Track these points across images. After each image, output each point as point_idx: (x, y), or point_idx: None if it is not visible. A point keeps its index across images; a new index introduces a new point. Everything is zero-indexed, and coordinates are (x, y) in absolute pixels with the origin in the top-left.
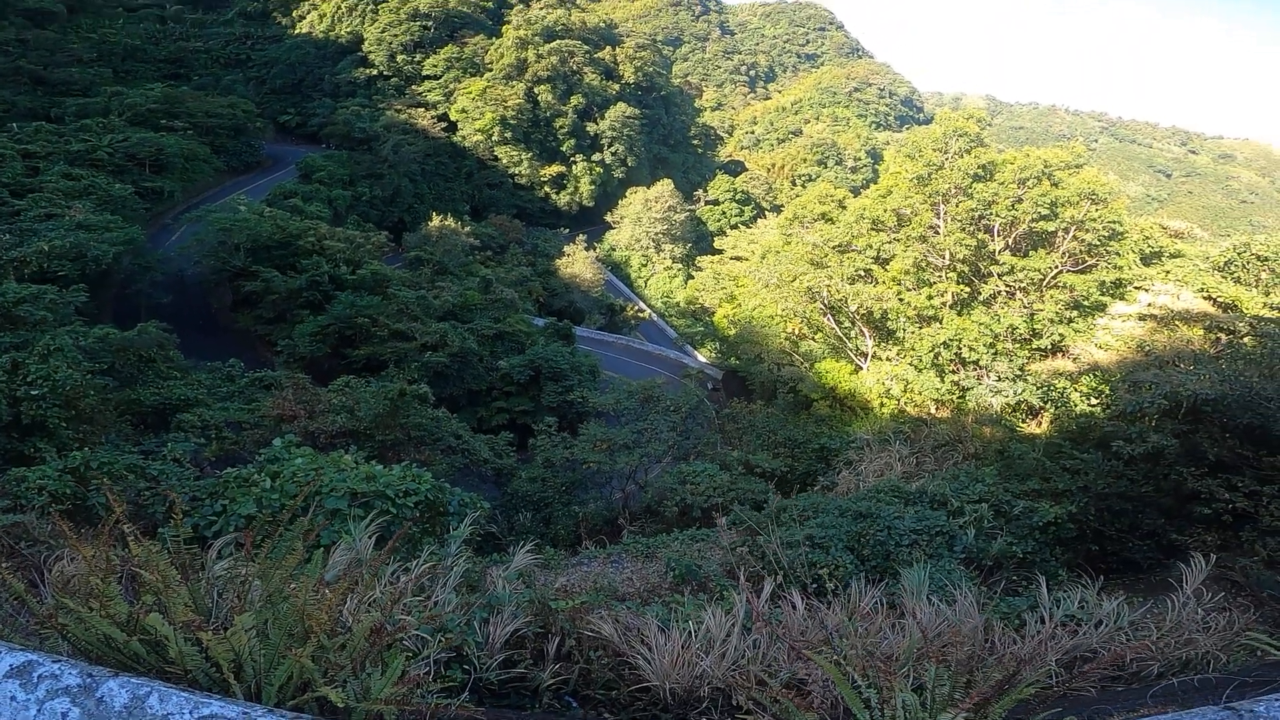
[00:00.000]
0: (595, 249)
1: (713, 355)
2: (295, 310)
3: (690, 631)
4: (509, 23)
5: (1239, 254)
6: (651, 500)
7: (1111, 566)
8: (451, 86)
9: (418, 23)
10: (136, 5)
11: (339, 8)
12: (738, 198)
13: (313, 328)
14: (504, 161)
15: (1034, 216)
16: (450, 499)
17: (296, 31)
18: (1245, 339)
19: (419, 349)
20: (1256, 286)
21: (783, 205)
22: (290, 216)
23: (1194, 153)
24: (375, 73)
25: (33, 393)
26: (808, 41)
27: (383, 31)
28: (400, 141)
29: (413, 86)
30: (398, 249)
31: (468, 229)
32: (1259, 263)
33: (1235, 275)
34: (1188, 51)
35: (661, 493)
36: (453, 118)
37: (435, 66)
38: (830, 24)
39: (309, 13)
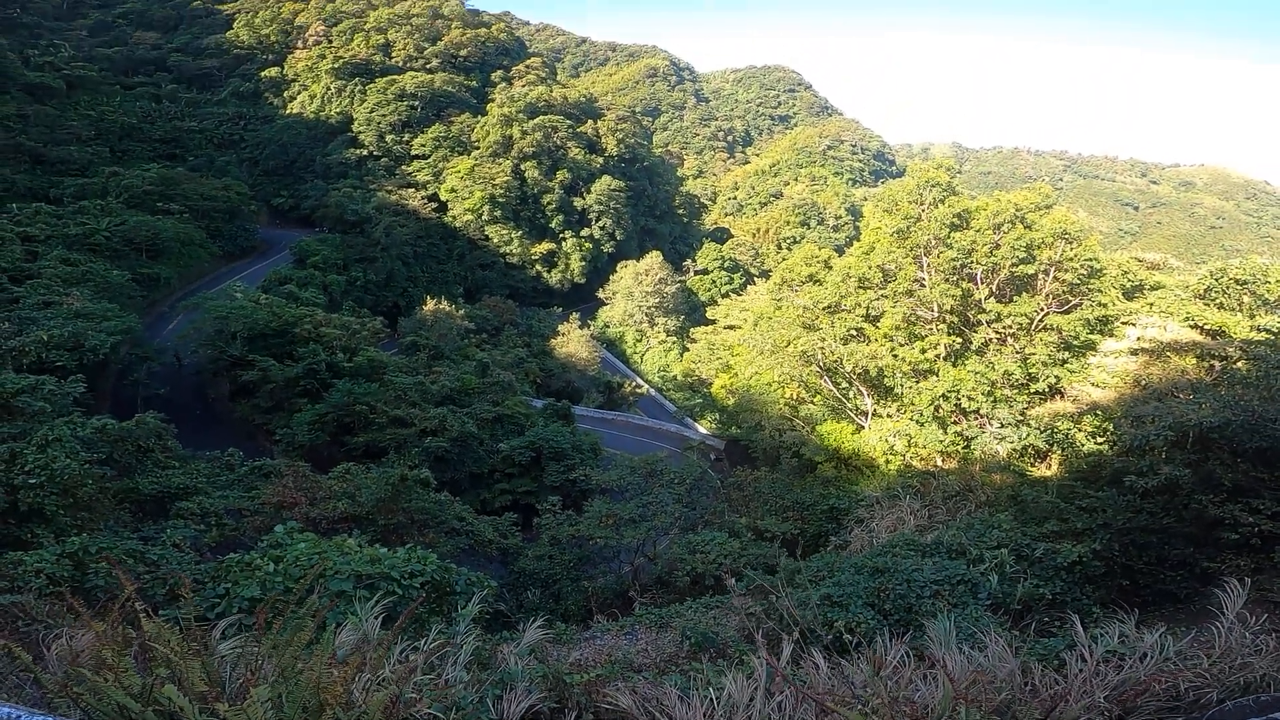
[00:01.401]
0: (589, 326)
1: (713, 426)
2: (293, 399)
3: (711, 699)
4: (493, 100)
5: (1217, 280)
6: (662, 571)
7: (1147, 600)
8: (440, 165)
9: (405, 103)
10: (133, 83)
11: (328, 88)
12: (726, 265)
13: (311, 416)
14: (495, 241)
15: (1013, 261)
16: (457, 579)
17: (288, 112)
18: (1239, 364)
19: (418, 434)
20: (1240, 310)
21: (770, 270)
22: (286, 304)
23: (1155, 183)
24: (365, 153)
25: (30, 481)
26: (779, 103)
27: (371, 112)
28: (392, 223)
29: (402, 166)
30: (393, 334)
31: (462, 312)
32: (1239, 286)
33: (1218, 301)
34: (1131, 80)
35: (671, 563)
36: (443, 197)
37: (424, 146)
38: (799, 85)
39: (299, 93)
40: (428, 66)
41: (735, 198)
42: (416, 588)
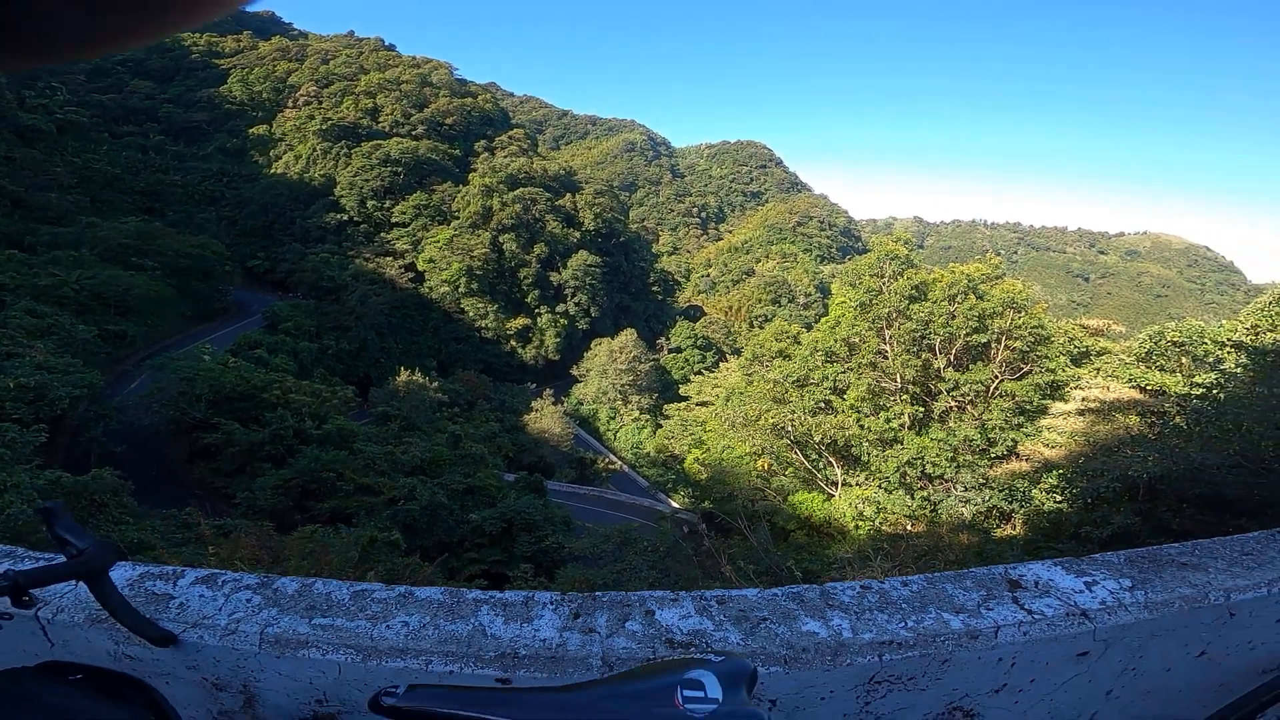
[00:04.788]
0: (563, 403)
1: (686, 500)
2: (256, 463)
3: None
4: (475, 170)
5: (1156, 343)
6: None
7: None
8: (419, 234)
9: (388, 168)
10: (122, 132)
11: (314, 149)
12: (699, 344)
13: (275, 480)
14: (470, 314)
15: (967, 330)
16: None
17: (271, 171)
18: (1176, 418)
19: (386, 503)
20: (1179, 371)
21: (742, 348)
22: (254, 369)
23: (1102, 253)
24: (346, 218)
25: None
26: (751, 179)
27: (355, 176)
28: (368, 292)
29: (382, 234)
30: (364, 404)
31: (435, 385)
32: (1176, 349)
33: (1159, 364)
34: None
35: None
36: (420, 267)
37: (404, 214)
38: (770, 160)
39: (285, 153)
40: (413, 133)
41: (708, 275)
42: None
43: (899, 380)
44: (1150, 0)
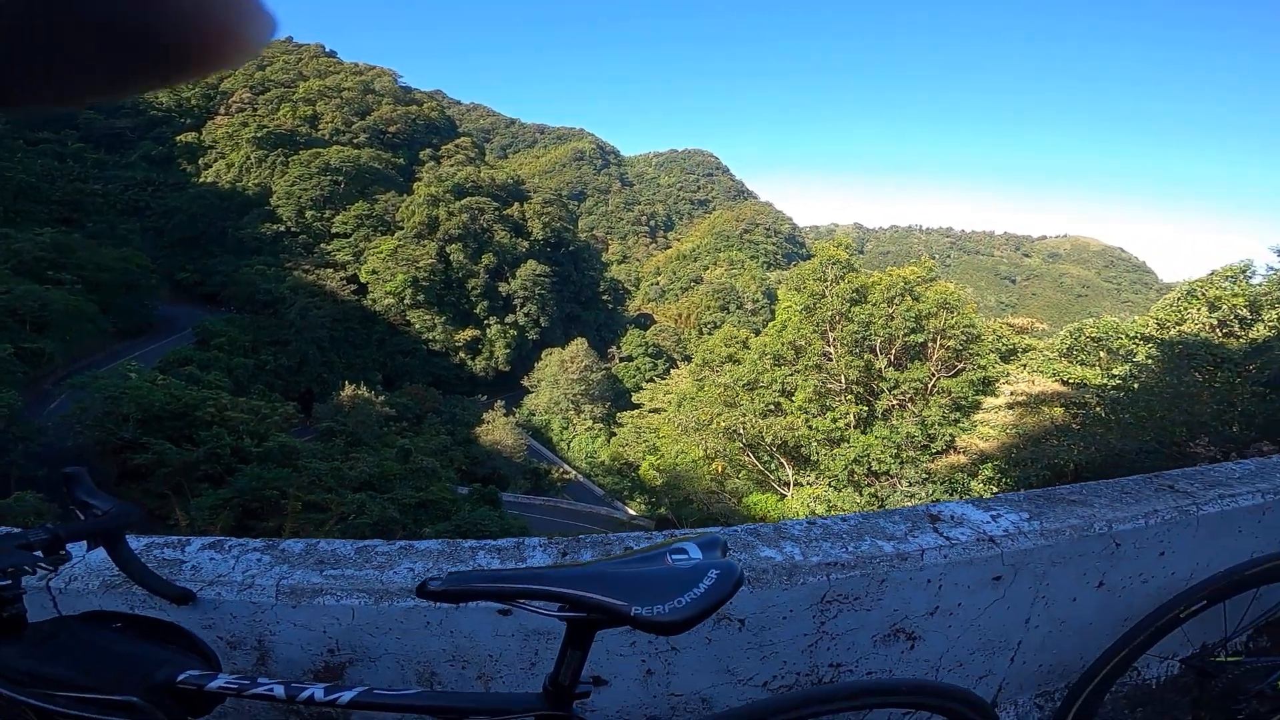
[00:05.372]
0: (515, 414)
1: (642, 507)
2: (193, 484)
3: None
4: (420, 179)
5: (1076, 339)
6: None
7: None
8: (362, 245)
9: (328, 177)
10: (37, 139)
11: (248, 158)
12: (650, 352)
13: (214, 500)
14: (417, 326)
15: (905, 331)
16: None
17: (201, 180)
18: (1097, 408)
19: (335, 519)
20: (1098, 364)
21: (692, 354)
22: (185, 386)
23: (1027, 256)
24: (282, 229)
25: None
26: (699, 187)
27: (292, 185)
28: (308, 305)
29: (321, 245)
30: (307, 420)
31: (382, 399)
32: (1094, 344)
33: (1080, 358)
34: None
35: None
36: (363, 279)
37: (345, 224)
38: (717, 168)
39: (216, 161)
40: (355, 141)
41: (658, 283)
42: None
43: (843, 381)
44: (1068, 8)
